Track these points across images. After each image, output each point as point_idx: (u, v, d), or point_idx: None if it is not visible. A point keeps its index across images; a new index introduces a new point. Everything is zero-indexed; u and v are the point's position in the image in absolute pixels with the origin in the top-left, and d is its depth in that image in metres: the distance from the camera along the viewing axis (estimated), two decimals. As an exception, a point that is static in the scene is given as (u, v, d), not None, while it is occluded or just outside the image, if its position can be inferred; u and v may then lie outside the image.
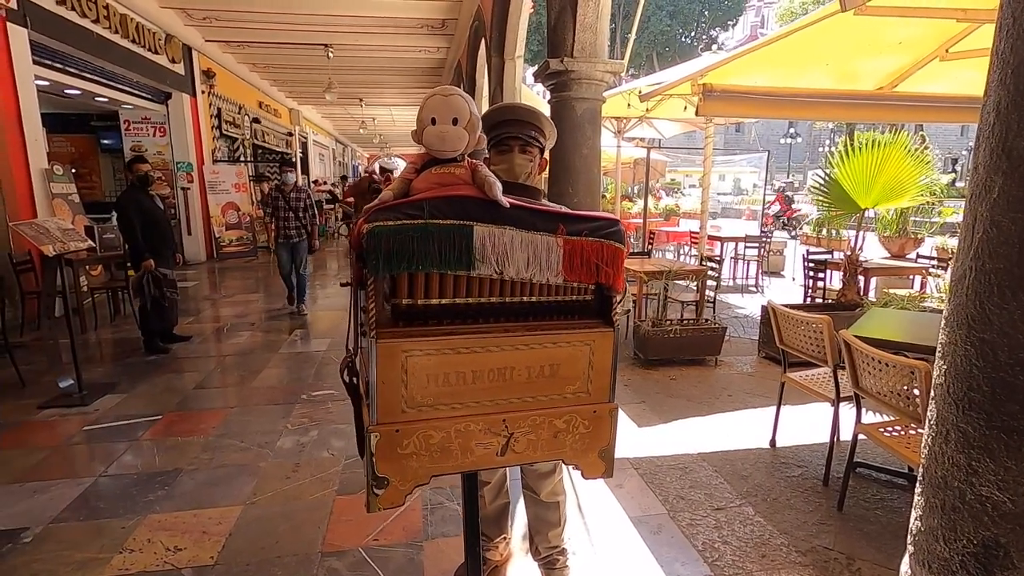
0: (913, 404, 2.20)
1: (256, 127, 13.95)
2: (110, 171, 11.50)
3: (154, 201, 4.99)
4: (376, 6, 8.60)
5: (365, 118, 19.93)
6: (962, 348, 1.07)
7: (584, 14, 4.07)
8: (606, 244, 1.24)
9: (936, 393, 1.16)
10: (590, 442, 1.31)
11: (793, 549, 2.30)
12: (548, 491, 1.97)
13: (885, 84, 5.30)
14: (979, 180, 1.06)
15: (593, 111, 4.22)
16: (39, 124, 6.20)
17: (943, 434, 1.13)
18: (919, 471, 1.22)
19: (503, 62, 7.01)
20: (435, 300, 1.18)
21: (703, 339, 4.68)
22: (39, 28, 6.11)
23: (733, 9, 31.38)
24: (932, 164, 5.39)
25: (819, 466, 2.95)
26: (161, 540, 2.34)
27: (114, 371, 4.53)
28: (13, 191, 5.69)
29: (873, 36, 4.39)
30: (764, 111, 5.65)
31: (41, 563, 2.20)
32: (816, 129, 41.09)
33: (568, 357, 1.26)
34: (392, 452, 1.16)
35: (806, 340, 2.97)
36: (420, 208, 1.13)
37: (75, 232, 4.25)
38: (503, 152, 1.64)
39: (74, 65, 7.34)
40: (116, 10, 7.61)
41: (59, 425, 3.50)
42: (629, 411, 3.69)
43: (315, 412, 3.68)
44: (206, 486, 2.78)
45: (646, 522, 2.49)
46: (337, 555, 2.24)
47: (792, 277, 9.22)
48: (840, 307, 4.91)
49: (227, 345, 5.30)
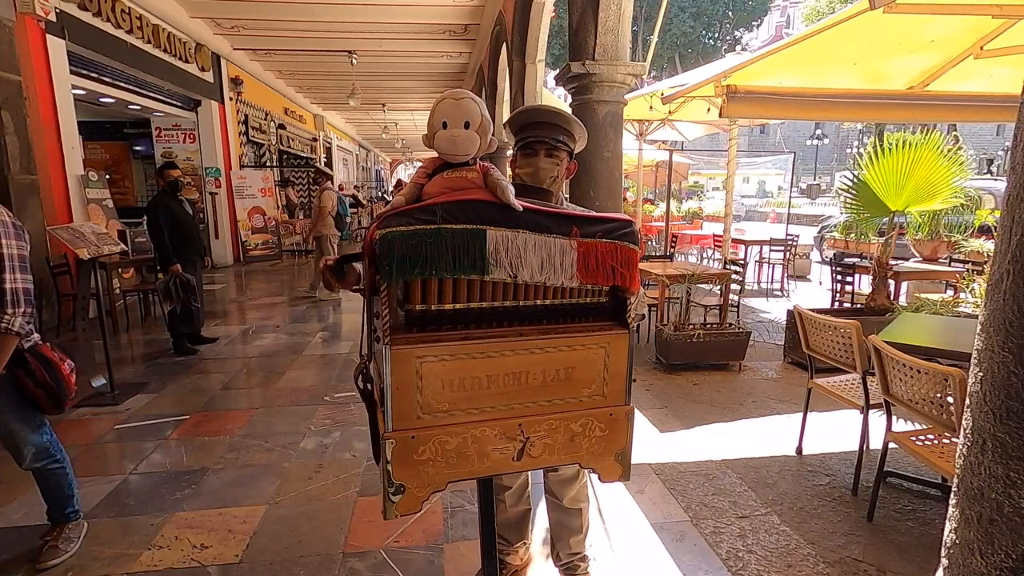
0: (947, 412, 2.13)
1: (282, 133, 14.22)
2: (142, 177, 11.84)
3: (183, 206, 5.11)
4: (399, 13, 8.70)
5: (388, 123, 20.16)
6: (999, 354, 1.03)
7: (606, 17, 4.05)
8: (620, 246, 1.22)
9: (972, 401, 1.12)
10: (607, 445, 1.29)
11: (820, 560, 2.24)
12: (571, 497, 1.95)
13: (916, 83, 5.15)
14: (1017, 180, 1.02)
15: (615, 114, 4.20)
16: (76, 132, 6.41)
17: (979, 443, 1.08)
18: (954, 482, 1.17)
19: (524, 66, 7.03)
20: (448, 305, 1.17)
21: (727, 344, 4.60)
22: (76, 39, 6.32)
23: (757, 9, 30.89)
24: (966, 165, 5.22)
25: (847, 475, 2.87)
26: (188, 537, 2.39)
27: (144, 371, 4.65)
28: (51, 196, 5.89)
29: (904, 34, 4.27)
30: (790, 112, 5.55)
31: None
32: (844, 130, 40.20)
33: (583, 360, 1.25)
34: (408, 458, 1.15)
35: (834, 345, 2.90)
36: (433, 212, 1.13)
37: (108, 236, 4.38)
38: (529, 155, 1.60)
39: (109, 74, 7.58)
40: (149, 20, 7.84)
41: (92, 424, 3.60)
42: (651, 416, 3.65)
43: (337, 414, 3.72)
44: (231, 485, 2.83)
45: (668, 529, 2.45)
46: (358, 556, 2.26)
47: (819, 281, 9.02)
48: (869, 312, 4.77)
49: (252, 347, 5.40)
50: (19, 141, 5.40)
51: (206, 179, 10.28)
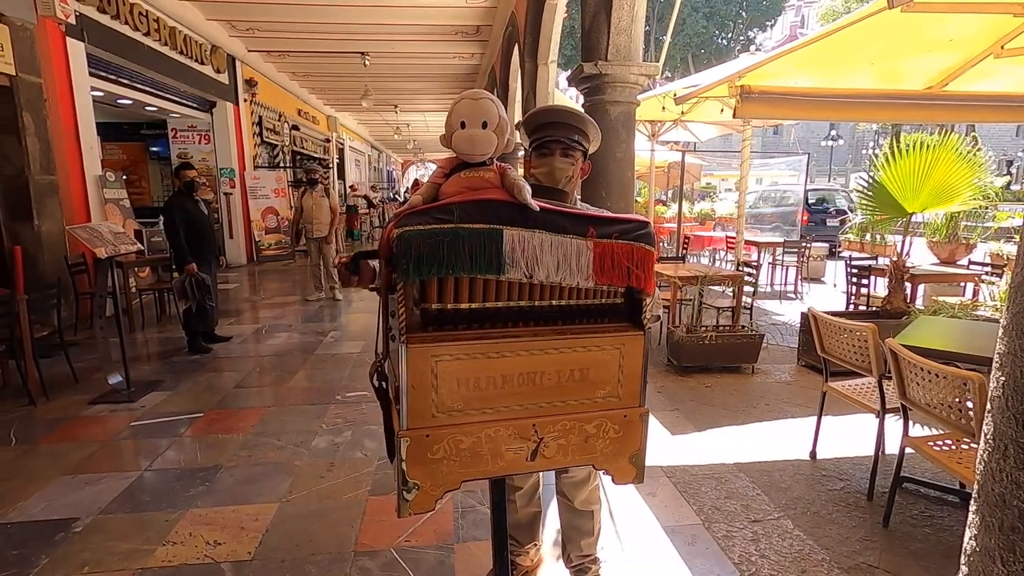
0: (966, 417, 2.09)
1: (295, 134, 14.34)
2: (158, 177, 12.00)
3: (199, 206, 5.17)
4: (412, 14, 8.74)
5: (400, 124, 20.26)
6: (1021, 359, 1.01)
7: (619, 17, 4.04)
8: (636, 247, 1.22)
9: (993, 406, 1.10)
10: (621, 447, 1.29)
11: (835, 566, 2.22)
12: (583, 499, 1.95)
13: (934, 83, 5.07)
14: (1040, 181, 1.00)
15: (627, 114, 4.18)
16: (94, 133, 6.52)
17: (1001, 450, 1.06)
18: (974, 488, 1.15)
19: (536, 67, 7.02)
20: (464, 304, 1.17)
21: (739, 346, 4.56)
22: (95, 42, 6.43)
23: (772, 9, 30.60)
24: (985, 166, 5.13)
25: (863, 480, 2.83)
26: (202, 534, 2.41)
27: (160, 369, 4.71)
28: (69, 196, 5.99)
29: (921, 34, 4.21)
30: (804, 112, 5.48)
31: (91, 552, 2.29)
32: (859, 131, 39.71)
33: (598, 361, 1.24)
34: (423, 457, 1.16)
35: (849, 349, 2.86)
36: (450, 212, 1.13)
37: (125, 235, 4.44)
38: (544, 155, 1.60)
39: (126, 76, 7.70)
40: (166, 23, 7.95)
41: (108, 420, 3.65)
42: (663, 418, 3.63)
43: (349, 413, 3.74)
44: (244, 483, 2.85)
45: (680, 532, 2.44)
46: (369, 555, 2.27)
47: (834, 283, 8.92)
48: (885, 315, 4.71)
49: (265, 346, 5.44)
50: (39, 142, 5.50)
51: (220, 180, 10.40)
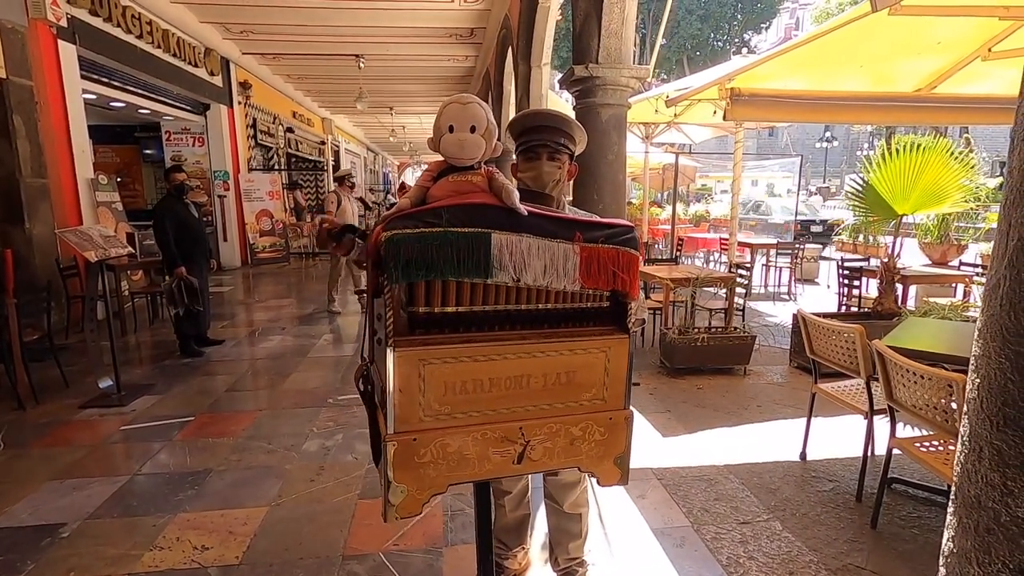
0: (951, 418, 2.11)
1: (290, 136, 14.32)
2: (152, 180, 11.94)
3: (189, 209, 5.14)
4: (406, 17, 8.75)
5: (395, 126, 20.25)
6: (996, 361, 1.02)
7: (609, 21, 4.06)
8: (622, 251, 1.23)
9: (969, 408, 1.11)
10: (606, 449, 1.30)
11: (823, 567, 2.23)
12: (571, 502, 1.95)
13: (924, 86, 5.12)
14: (1014, 184, 1.01)
15: (618, 117, 4.20)
16: (86, 136, 6.49)
17: (976, 451, 1.07)
18: (951, 489, 1.16)
19: (530, 69, 7.04)
20: (452, 308, 1.18)
21: (732, 348, 4.58)
22: (87, 44, 6.41)
23: (766, 11, 30.74)
24: (977, 167, 5.17)
25: (851, 481, 2.85)
26: (190, 539, 2.41)
27: (151, 373, 4.69)
28: (61, 200, 5.96)
29: (910, 36, 4.25)
30: (795, 114, 5.53)
31: (78, 558, 2.28)
32: (854, 133, 39.93)
33: (584, 364, 1.25)
34: (409, 461, 1.16)
35: (838, 350, 2.88)
36: (438, 215, 1.14)
37: (116, 239, 4.42)
38: (531, 159, 1.61)
39: (119, 79, 7.67)
40: (159, 26, 7.93)
41: (98, 424, 3.63)
42: (654, 420, 3.64)
43: (340, 416, 3.73)
44: (234, 487, 2.85)
45: (669, 534, 2.44)
46: (358, 559, 2.26)
47: (827, 285, 8.96)
48: (876, 316, 4.74)
49: (258, 349, 5.43)
50: (30, 145, 5.48)
51: (215, 182, 10.37)
